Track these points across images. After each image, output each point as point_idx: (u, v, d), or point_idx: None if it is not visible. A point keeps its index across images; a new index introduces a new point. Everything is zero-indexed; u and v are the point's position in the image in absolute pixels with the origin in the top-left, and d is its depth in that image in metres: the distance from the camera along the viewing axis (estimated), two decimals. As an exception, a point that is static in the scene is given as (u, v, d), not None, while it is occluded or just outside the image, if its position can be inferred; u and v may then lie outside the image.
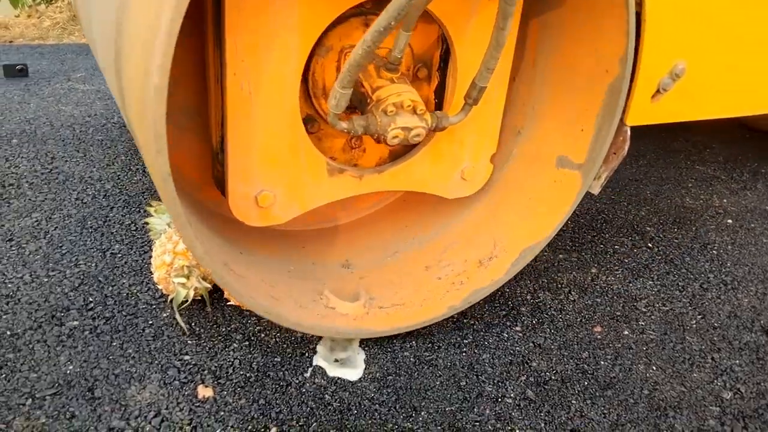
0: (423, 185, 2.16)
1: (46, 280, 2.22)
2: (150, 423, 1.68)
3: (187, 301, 2.08)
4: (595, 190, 2.12)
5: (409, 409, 1.80)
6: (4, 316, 2.01)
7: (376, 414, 1.78)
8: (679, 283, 2.53)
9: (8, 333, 1.94)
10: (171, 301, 2.09)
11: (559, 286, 2.44)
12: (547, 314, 2.27)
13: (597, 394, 1.92)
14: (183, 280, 2.07)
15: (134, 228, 2.60)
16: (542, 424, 1.79)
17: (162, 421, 1.69)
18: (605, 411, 1.86)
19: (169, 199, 1.42)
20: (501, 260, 2.16)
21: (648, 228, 2.96)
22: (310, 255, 2.26)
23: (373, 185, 2.06)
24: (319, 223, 2.42)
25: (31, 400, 1.71)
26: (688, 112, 2.22)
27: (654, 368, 2.04)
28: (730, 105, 2.34)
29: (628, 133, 2.06)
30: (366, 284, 2.16)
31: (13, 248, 2.39)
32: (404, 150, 2.13)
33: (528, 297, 2.36)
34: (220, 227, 2.05)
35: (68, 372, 1.82)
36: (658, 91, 2.03)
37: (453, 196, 2.23)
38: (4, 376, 1.78)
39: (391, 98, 1.78)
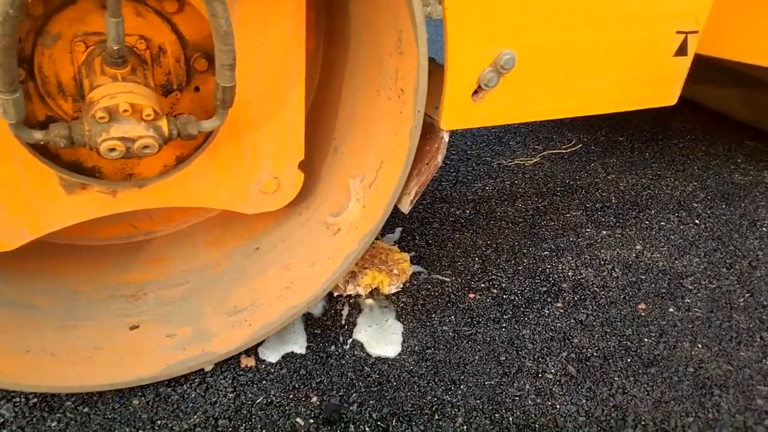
0: (205, 200, 1.81)
1: (94, 251, 2.28)
2: (195, 390, 1.72)
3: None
4: (405, 208, 1.83)
5: (448, 383, 1.80)
6: (56, 286, 2.08)
7: (415, 386, 1.79)
8: (727, 261, 2.45)
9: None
10: None
11: (602, 262, 2.40)
12: (589, 291, 2.23)
13: (640, 371, 1.89)
14: None
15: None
16: (583, 401, 1.77)
17: (207, 388, 1.73)
18: (648, 388, 1.83)
19: None
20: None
21: (695, 204, 2.87)
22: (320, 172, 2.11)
23: (134, 202, 1.72)
24: None
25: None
26: (521, 112, 1.83)
27: (699, 346, 1.99)
28: (573, 103, 1.90)
29: (445, 139, 1.73)
30: (354, 163, 1.96)
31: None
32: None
33: (569, 273, 2.32)
34: None
35: (116, 340, 1.87)
36: (479, 87, 1.65)
37: (254, 211, 1.90)
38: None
39: (103, 101, 1.42)
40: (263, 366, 1.82)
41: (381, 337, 1.97)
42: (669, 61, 1.97)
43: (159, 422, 1.62)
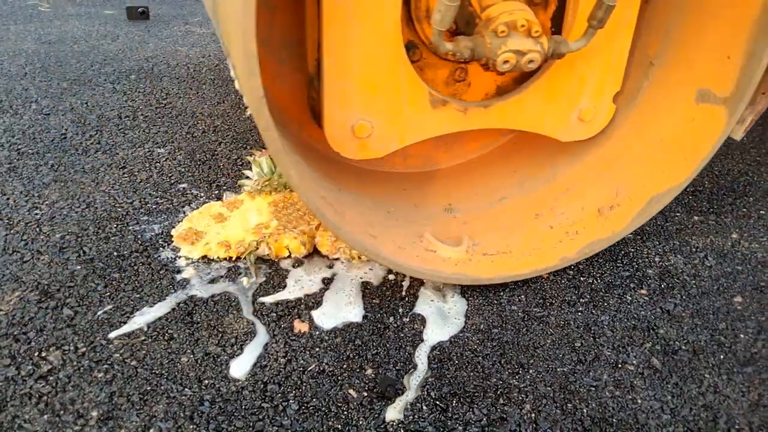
0: (533, 125, 1.93)
1: (154, 207, 2.23)
2: (245, 352, 1.63)
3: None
4: (738, 135, 1.83)
5: (516, 366, 1.64)
6: (113, 238, 2.04)
7: (479, 367, 1.64)
8: (839, 257, 2.17)
9: (115, 254, 1.96)
10: (250, 253, 1.99)
11: (694, 250, 2.17)
12: (678, 279, 2.01)
13: (735, 369, 1.67)
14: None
15: (240, 163, 2.58)
16: (669, 397, 1.57)
17: (257, 352, 1.64)
18: (744, 389, 1.61)
19: (264, 123, 1.31)
20: (624, 209, 1.93)
21: (800, 194, 2.58)
22: (411, 197, 2.13)
23: (479, 121, 1.87)
24: (421, 166, 2.27)
25: (133, 319, 1.71)
26: None
27: (806, 348, 1.76)
28: None
29: None
30: (470, 230, 2.00)
31: (126, 175, 2.43)
32: (513, 85, 1.92)
33: (656, 259, 2.11)
34: (319, 164, 1.96)
35: (169, 295, 1.81)
36: None
37: (568, 139, 1.99)
38: (108, 294, 1.79)
39: (503, 17, 1.58)
40: (317, 333, 1.71)
41: (443, 313, 1.82)
42: None
43: (206, 381, 1.53)
